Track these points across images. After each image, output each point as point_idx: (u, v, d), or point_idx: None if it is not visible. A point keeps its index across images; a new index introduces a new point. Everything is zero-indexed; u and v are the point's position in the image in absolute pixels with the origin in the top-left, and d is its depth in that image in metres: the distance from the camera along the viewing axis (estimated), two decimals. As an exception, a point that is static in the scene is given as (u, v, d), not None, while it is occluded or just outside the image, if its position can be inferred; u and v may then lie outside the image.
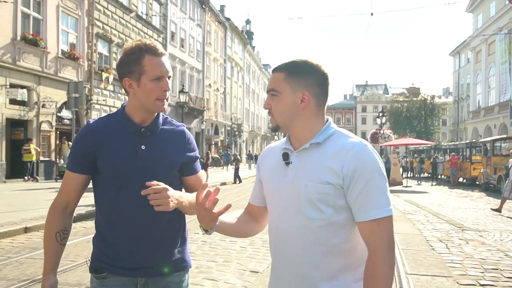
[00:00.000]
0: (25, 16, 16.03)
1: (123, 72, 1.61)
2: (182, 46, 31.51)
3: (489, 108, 35.26)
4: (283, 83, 1.38)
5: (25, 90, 15.71)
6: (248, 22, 63.34)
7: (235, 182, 20.05)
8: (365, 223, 1.30)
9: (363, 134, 74.52)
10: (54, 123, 17.62)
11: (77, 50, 19.01)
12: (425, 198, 14.95)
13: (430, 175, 27.15)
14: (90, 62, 19.77)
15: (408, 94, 57.33)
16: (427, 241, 7.17)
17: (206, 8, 35.74)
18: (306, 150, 1.38)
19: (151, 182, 1.48)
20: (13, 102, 15.36)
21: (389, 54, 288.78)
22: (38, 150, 16.47)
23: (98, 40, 20.61)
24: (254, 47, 61.36)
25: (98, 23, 20.40)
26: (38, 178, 16.23)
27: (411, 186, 21.12)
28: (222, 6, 45.54)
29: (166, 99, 1.61)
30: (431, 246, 6.72)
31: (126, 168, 1.59)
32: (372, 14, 17.47)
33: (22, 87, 15.61)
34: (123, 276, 1.63)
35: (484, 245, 6.91)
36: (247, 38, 54.23)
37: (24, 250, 5.90)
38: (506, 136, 22.94)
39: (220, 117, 40.57)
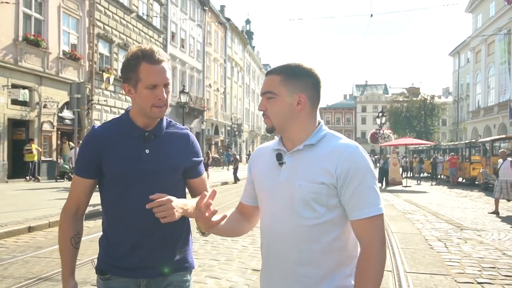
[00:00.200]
0: (26, 16, 16.11)
1: (123, 77, 1.65)
2: (183, 47, 31.59)
3: (488, 108, 35.33)
4: (280, 86, 1.41)
5: (26, 91, 15.79)
6: (248, 22, 63.45)
7: (235, 182, 20.18)
8: (358, 221, 1.35)
9: (363, 134, 74.67)
10: (56, 123, 17.70)
11: (78, 50, 19.09)
12: (424, 198, 15.03)
13: (429, 175, 27.23)
14: (91, 63, 19.85)
15: (408, 94, 57.37)
16: (426, 240, 7.26)
17: (207, 8, 35.82)
18: (300, 151, 1.42)
19: (154, 196, 1.50)
20: (15, 102, 15.44)
21: (389, 54, 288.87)
22: (40, 150, 16.55)
23: (99, 40, 20.68)
24: (254, 47, 61.44)
25: (99, 24, 20.48)
26: (39, 178, 16.29)
27: (411, 186, 21.20)
28: (222, 7, 45.61)
29: (163, 106, 1.62)
30: (430, 245, 6.81)
31: (130, 172, 1.61)
32: (372, 15, 17.43)
33: (24, 88, 15.69)
34: (125, 277, 1.65)
35: (482, 244, 7.00)
36: (247, 38, 54.30)
37: (28, 249, 5.99)
38: (505, 136, 23.03)
39: (220, 117, 40.65)
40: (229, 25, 43.23)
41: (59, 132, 18.20)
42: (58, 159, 17.91)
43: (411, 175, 28.89)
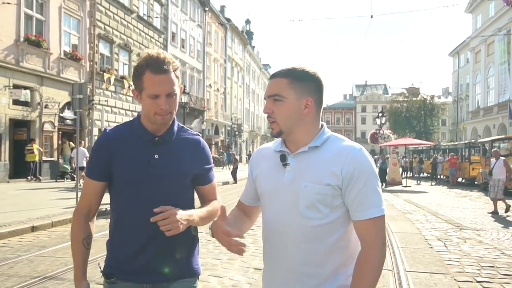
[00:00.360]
0: (28, 17, 16.17)
1: (132, 83, 1.66)
2: (183, 47, 31.65)
3: (488, 108, 35.39)
4: (288, 89, 1.42)
5: (28, 91, 15.85)
6: (248, 22, 63.49)
7: (235, 182, 20.27)
8: (361, 222, 1.38)
9: (363, 134, 74.72)
10: (57, 124, 17.76)
11: (79, 51, 19.15)
12: (424, 198, 15.09)
13: (429, 175, 27.30)
14: (92, 63, 19.90)
15: (407, 94, 57.42)
16: (426, 239, 7.32)
17: (207, 9, 35.88)
18: (304, 153, 1.44)
19: (158, 209, 1.50)
20: (16, 102, 15.50)
21: (388, 54, 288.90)
22: (41, 150, 16.61)
23: (100, 41, 20.73)
24: (254, 47, 61.48)
25: (100, 24, 20.53)
26: (40, 178, 16.36)
27: (411, 186, 21.27)
28: (222, 7, 45.69)
29: (167, 114, 1.61)
30: (430, 245, 6.88)
31: (139, 176, 1.62)
32: (372, 17, 17.45)
33: (25, 88, 15.76)
34: (129, 281, 1.65)
35: (481, 243, 7.06)
36: (247, 38, 54.35)
37: (33, 249, 6.05)
38: (505, 136, 23.11)
39: (220, 117, 40.71)
40: (229, 25, 43.29)
41: (60, 132, 18.27)
42: (59, 159, 17.99)
43: (411, 175, 28.97)
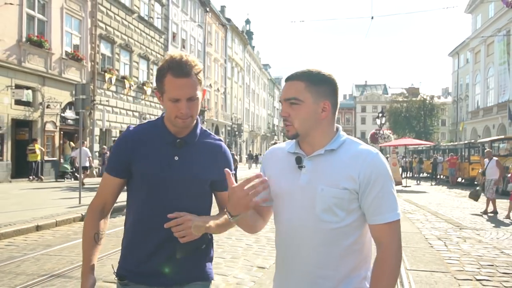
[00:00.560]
0: (30, 18, 16.23)
1: (156, 85, 1.64)
2: (183, 47, 31.71)
3: (488, 108, 35.47)
4: (305, 92, 1.41)
5: (30, 91, 15.92)
6: (248, 22, 63.54)
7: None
8: (378, 226, 1.39)
9: (363, 134, 74.73)
10: (58, 124, 17.83)
11: (80, 51, 19.22)
12: (424, 198, 15.18)
13: (429, 175, 27.38)
14: (93, 63, 19.97)
15: (407, 94, 57.39)
16: (426, 239, 7.40)
17: (207, 8, 35.94)
18: (320, 156, 1.44)
19: (173, 214, 1.49)
20: (18, 102, 15.57)
21: (388, 54, 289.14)
22: (43, 150, 16.68)
23: (101, 41, 20.79)
24: (254, 47, 61.53)
25: (101, 24, 20.60)
26: (42, 177, 16.43)
27: (410, 186, 21.37)
28: (223, 7, 45.75)
29: (188, 118, 1.59)
30: (430, 244, 6.96)
31: (157, 177, 1.61)
32: (372, 18, 17.44)
33: (27, 88, 15.83)
34: (141, 283, 1.63)
35: (481, 243, 7.15)
36: (247, 38, 54.41)
37: (38, 247, 6.12)
38: (504, 136, 23.18)
39: (220, 117, 40.77)
40: (229, 25, 43.35)
41: (62, 132, 18.35)
42: (61, 159, 18.06)
43: (411, 175, 29.04)
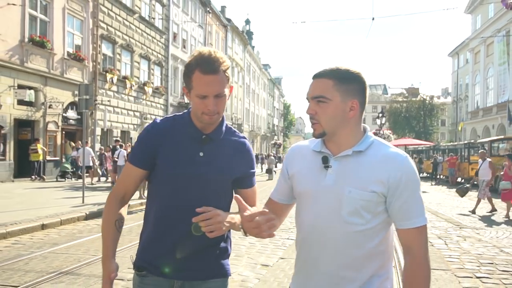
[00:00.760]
0: (32, 18, 16.33)
1: (183, 80, 1.64)
2: (184, 47, 31.82)
3: (487, 108, 35.57)
4: (333, 91, 1.39)
5: (32, 91, 16.02)
6: (247, 22, 63.59)
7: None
8: (407, 230, 1.39)
9: (362, 134, 74.70)
10: (60, 123, 17.93)
11: (82, 51, 19.31)
12: (424, 198, 14.83)
13: (429, 175, 27.47)
14: (94, 63, 20.07)
15: (407, 95, 57.52)
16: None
17: (208, 9, 36.03)
18: (348, 157, 1.41)
19: (201, 209, 1.49)
20: (20, 102, 15.67)
21: (388, 54, 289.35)
22: (45, 149, 16.78)
23: (103, 41, 20.88)
24: (254, 47, 61.61)
25: (102, 25, 20.69)
26: (44, 177, 16.51)
27: (410, 186, 21.39)
28: (223, 7, 45.84)
29: (215, 114, 1.60)
30: (431, 243, 7.04)
31: (182, 172, 1.61)
32: (373, 19, 17.56)
33: (30, 88, 15.92)
34: (161, 276, 1.63)
35: (480, 241, 7.25)
36: (247, 38, 54.50)
37: (45, 246, 6.22)
38: (504, 136, 23.31)
39: (220, 117, 40.83)
40: (229, 25, 43.44)
41: (64, 132, 18.44)
42: (63, 159, 18.15)
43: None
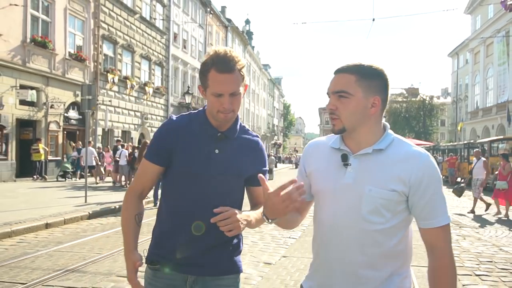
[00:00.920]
0: (34, 19, 16.41)
1: (199, 79, 1.66)
2: (185, 47, 31.89)
3: (487, 109, 35.64)
4: (355, 86, 1.37)
5: (34, 91, 16.09)
6: (247, 22, 63.66)
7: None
8: (431, 229, 1.38)
9: (362, 134, 74.79)
10: (62, 123, 18.01)
11: (83, 51, 19.39)
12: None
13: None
14: (96, 64, 20.15)
15: (407, 95, 57.56)
16: (427, 237, 7.56)
17: (209, 9, 36.11)
18: (368, 155, 1.39)
19: (218, 209, 1.51)
20: (22, 102, 15.75)
21: (388, 54, 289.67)
22: (47, 149, 16.86)
23: (104, 41, 20.97)
24: (254, 47, 61.68)
25: (103, 25, 20.77)
26: (46, 177, 16.59)
27: (410, 186, 21.47)
28: (223, 8, 45.92)
29: (230, 112, 1.61)
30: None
31: (197, 168, 1.63)
32: (374, 20, 17.64)
33: (32, 88, 16.00)
34: (174, 271, 1.66)
35: (480, 240, 7.33)
36: (247, 38, 54.58)
37: (50, 244, 6.29)
38: (503, 137, 23.38)
39: (221, 117, 40.92)
40: (230, 26, 43.53)
41: (65, 132, 18.52)
42: (64, 159, 18.23)
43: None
